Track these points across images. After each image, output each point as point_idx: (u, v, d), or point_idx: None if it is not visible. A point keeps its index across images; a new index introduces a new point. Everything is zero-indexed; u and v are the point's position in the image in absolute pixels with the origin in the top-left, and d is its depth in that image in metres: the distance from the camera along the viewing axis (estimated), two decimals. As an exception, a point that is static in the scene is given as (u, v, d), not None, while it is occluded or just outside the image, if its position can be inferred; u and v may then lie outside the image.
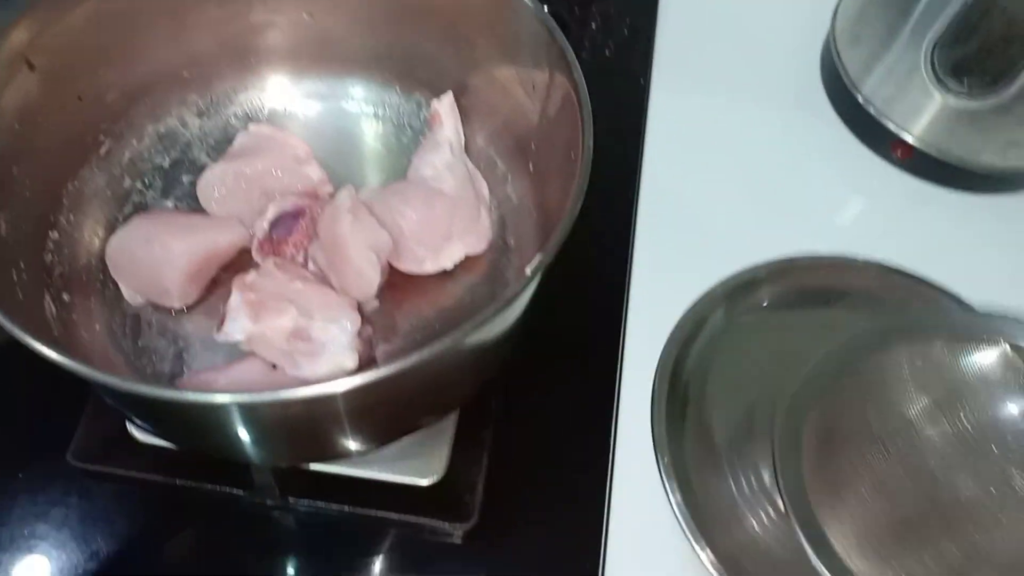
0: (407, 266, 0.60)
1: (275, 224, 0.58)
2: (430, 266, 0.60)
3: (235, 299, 0.54)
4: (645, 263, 0.73)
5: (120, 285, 0.58)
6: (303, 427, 0.51)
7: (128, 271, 0.57)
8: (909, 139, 0.76)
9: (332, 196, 0.63)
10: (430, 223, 0.59)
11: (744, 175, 0.78)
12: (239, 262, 0.61)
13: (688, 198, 0.77)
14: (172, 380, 0.57)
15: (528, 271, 0.46)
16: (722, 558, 0.59)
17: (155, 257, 0.56)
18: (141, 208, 0.63)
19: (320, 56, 0.67)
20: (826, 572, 0.54)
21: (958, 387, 0.62)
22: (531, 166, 0.63)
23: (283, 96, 0.68)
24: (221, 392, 0.41)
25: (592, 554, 0.61)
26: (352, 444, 0.56)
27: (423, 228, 0.59)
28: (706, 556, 0.60)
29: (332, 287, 0.57)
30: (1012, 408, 0.61)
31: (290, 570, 0.60)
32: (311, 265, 0.59)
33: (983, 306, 0.68)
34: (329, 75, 0.68)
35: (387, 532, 0.61)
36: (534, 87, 0.59)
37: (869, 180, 0.79)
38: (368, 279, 0.56)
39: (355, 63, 0.68)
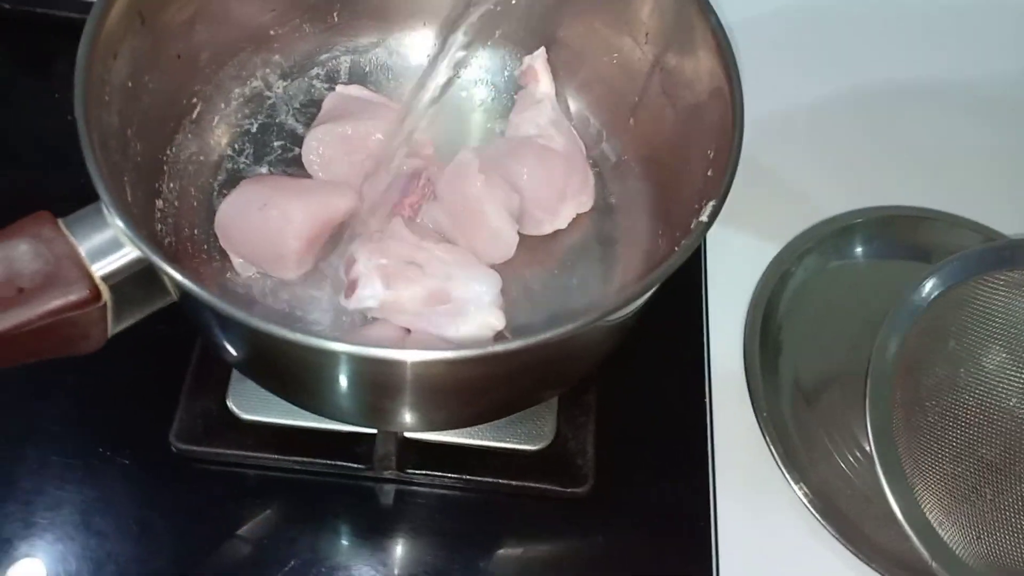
0: (526, 229, 0.58)
1: (389, 185, 0.56)
2: (548, 227, 0.59)
3: (364, 265, 0.52)
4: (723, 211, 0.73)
5: (230, 255, 0.55)
6: (432, 391, 0.49)
7: (240, 240, 0.54)
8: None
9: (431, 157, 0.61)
10: (547, 183, 0.57)
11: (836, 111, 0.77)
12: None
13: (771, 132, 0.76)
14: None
15: (705, 217, 0.45)
16: (816, 494, 0.62)
17: (272, 224, 0.53)
18: (235, 175, 0.59)
19: (399, 12, 0.65)
20: (902, 517, 0.56)
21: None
22: (632, 120, 0.62)
23: (362, 56, 0.65)
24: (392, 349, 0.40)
25: (703, 504, 0.62)
26: (474, 414, 0.55)
27: (541, 188, 0.57)
28: (802, 493, 0.62)
29: (461, 248, 0.55)
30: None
31: (408, 541, 0.59)
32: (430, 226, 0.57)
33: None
34: (408, 32, 0.66)
35: (504, 499, 0.60)
36: (647, 35, 0.58)
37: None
38: (506, 240, 0.55)
39: (435, 19, 0.65)
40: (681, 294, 0.70)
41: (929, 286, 0.62)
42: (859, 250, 0.71)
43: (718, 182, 0.47)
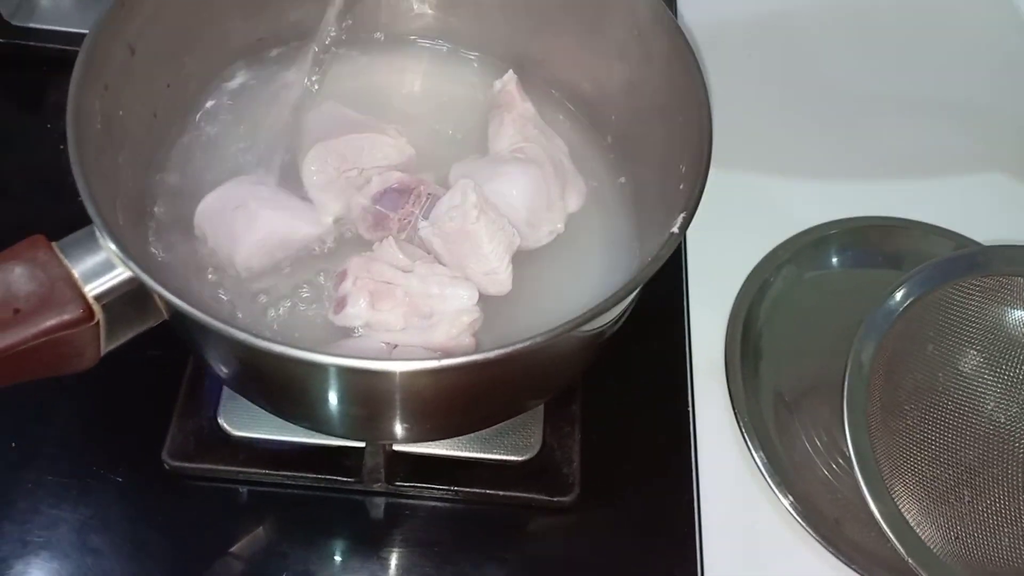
0: (526, 245, 0.58)
1: (379, 199, 0.57)
2: (545, 240, 0.59)
3: (352, 282, 0.53)
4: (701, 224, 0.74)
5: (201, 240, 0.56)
6: (417, 401, 0.50)
7: (209, 228, 0.55)
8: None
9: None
10: (536, 197, 0.58)
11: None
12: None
13: (747, 146, 0.77)
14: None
15: (675, 228, 0.47)
16: (799, 500, 0.63)
17: (236, 225, 0.54)
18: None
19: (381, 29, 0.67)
20: (879, 517, 0.57)
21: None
22: (609, 138, 0.64)
23: (342, 71, 0.67)
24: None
25: (688, 511, 0.63)
26: (460, 424, 0.56)
27: (532, 204, 0.58)
28: (785, 499, 0.63)
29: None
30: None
31: (398, 552, 0.60)
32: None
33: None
34: (389, 49, 0.68)
35: (492, 509, 0.62)
36: (620, 54, 0.59)
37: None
38: (502, 280, 0.55)
39: (418, 37, 0.68)
40: (663, 304, 0.71)
41: (903, 292, 0.63)
42: (834, 260, 0.72)
43: (689, 195, 0.49)
